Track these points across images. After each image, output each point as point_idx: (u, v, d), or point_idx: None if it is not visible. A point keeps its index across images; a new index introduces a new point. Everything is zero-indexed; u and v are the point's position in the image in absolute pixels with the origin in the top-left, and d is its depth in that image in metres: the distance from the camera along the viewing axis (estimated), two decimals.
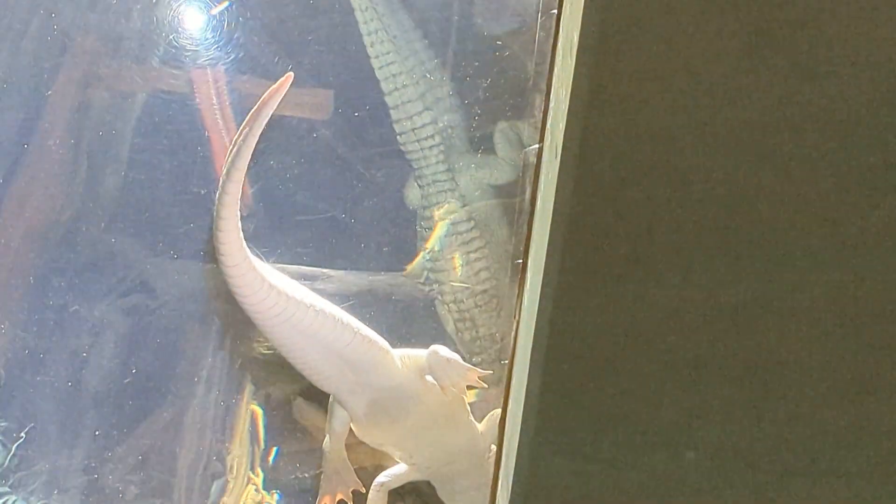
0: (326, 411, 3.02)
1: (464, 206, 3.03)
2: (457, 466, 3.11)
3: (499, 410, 3.04)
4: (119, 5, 2.83)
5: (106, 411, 2.96)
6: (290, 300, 2.75)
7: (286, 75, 2.53)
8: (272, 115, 2.63)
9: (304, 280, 2.94)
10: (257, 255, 2.77)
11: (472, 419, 3.10)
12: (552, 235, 1.91)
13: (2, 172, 2.78)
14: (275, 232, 2.91)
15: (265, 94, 2.53)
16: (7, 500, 2.92)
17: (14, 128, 2.77)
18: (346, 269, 3.01)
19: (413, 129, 2.93)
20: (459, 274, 3.09)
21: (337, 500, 3.03)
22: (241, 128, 2.55)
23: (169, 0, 2.83)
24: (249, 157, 2.58)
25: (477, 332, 3.19)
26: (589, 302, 1.98)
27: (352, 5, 2.93)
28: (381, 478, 3.14)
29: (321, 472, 3.06)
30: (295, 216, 2.94)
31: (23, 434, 2.91)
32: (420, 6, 2.96)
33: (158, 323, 2.95)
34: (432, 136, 2.93)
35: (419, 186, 2.99)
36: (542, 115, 2.51)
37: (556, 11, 2.33)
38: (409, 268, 3.09)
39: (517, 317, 2.65)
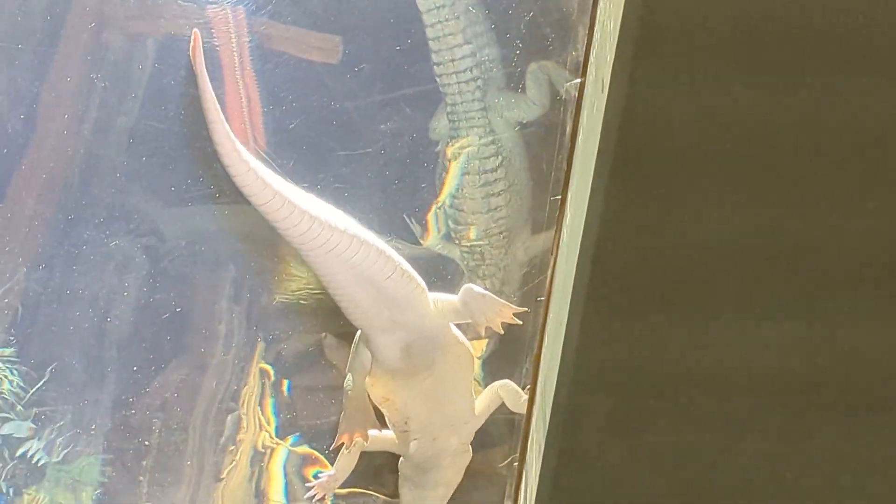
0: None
1: (491, 142, 3.01)
2: (438, 448, 3.11)
3: (500, 383, 3.21)
4: None
5: (124, 353, 2.99)
6: (333, 230, 2.75)
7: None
8: (288, 57, 2.70)
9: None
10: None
11: (474, 396, 3.12)
12: (598, 169, 1.93)
13: (18, 116, 2.75)
14: (300, 172, 2.90)
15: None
16: (28, 447, 2.97)
17: (28, 71, 2.74)
18: (370, 206, 3.00)
19: (452, 61, 2.90)
20: (479, 210, 3.09)
21: (354, 439, 3.05)
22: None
23: None
24: (212, 98, 2.62)
25: (485, 269, 3.16)
26: (634, 234, 2.03)
27: None
28: (345, 425, 3.12)
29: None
30: (319, 155, 2.94)
31: (46, 374, 2.94)
32: None
33: (173, 266, 2.95)
34: (470, 70, 2.92)
35: (450, 121, 2.97)
36: (584, 48, 2.59)
37: None
38: (430, 236, 3.12)
39: (555, 252, 2.69)
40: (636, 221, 2.08)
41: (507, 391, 3.25)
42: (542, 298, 2.89)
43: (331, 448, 3.15)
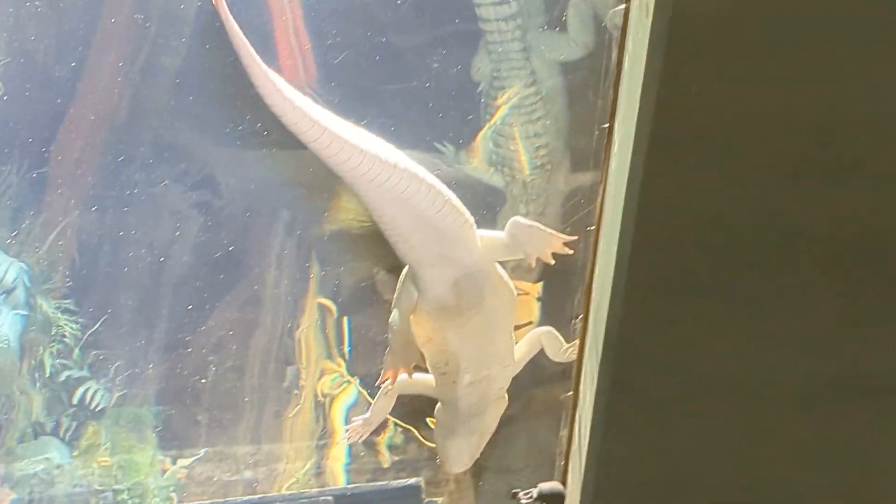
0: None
1: (532, 83, 3.02)
2: (476, 393, 3.12)
3: (542, 329, 3.24)
4: None
5: (179, 294, 3.04)
6: (384, 164, 2.76)
7: None
8: None
9: None
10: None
11: (514, 341, 3.14)
12: (644, 96, 1.94)
13: (67, 60, 2.76)
14: (347, 106, 2.86)
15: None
16: (88, 386, 3.02)
17: (75, 16, 2.73)
18: (417, 140, 3.00)
19: (493, 3, 2.90)
20: (521, 147, 3.10)
21: (399, 374, 3.07)
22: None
23: None
24: (243, 44, 2.59)
25: (527, 197, 3.18)
26: (682, 163, 2.05)
27: None
28: (400, 378, 3.16)
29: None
30: (366, 89, 2.95)
31: (102, 318, 2.98)
32: None
33: (225, 205, 2.98)
34: (510, 6, 2.91)
35: (491, 60, 2.98)
36: None
37: None
38: (475, 141, 3.08)
39: (604, 181, 2.67)
40: (679, 165, 2.11)
41: (550, 339, 3.29)
42: (592, 227, 2.85)
43: (376, 384, 3.17)
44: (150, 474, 3.18)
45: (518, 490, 3.21)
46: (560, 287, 3.19)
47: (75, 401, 3.05)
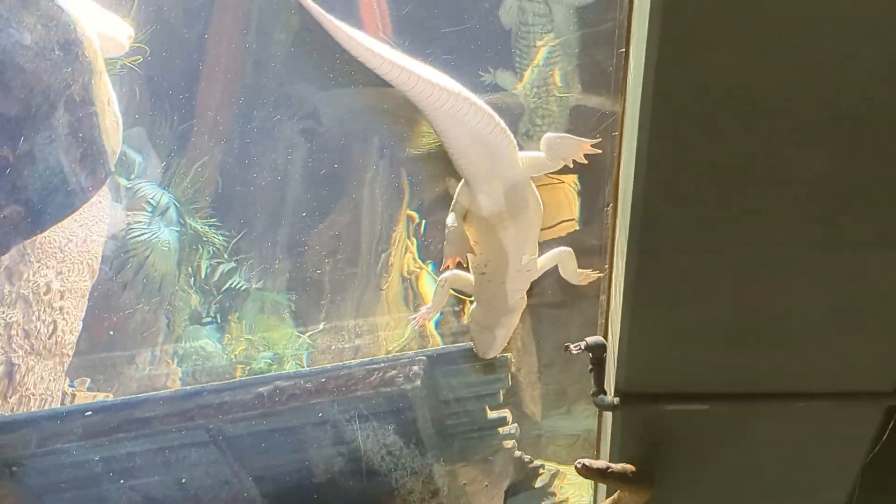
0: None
1: (553, 30, 3.20)
2: (506, 292, 3.35)
3: (563, 249, 3.43)
4: None
5: (300, 210, 3.29)
6: (450, 93, 3.00)
7: None
8: None
9: None
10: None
11: (538, 254, 3.35)
12: (651, 20, 2.08)
13: (197, 30, 3.02)
14: (415, 48, 3.08)
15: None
16: (233, 280, 3.32)
17: None
18: (472, 72, 3.20)
19: None
20: (559, 83, 3.28)
21: (455, 261, 3.29)
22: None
23: None
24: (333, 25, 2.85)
25: (542, 111, 3.36)
26: (689, 69, 2.17)
27: None
28: (447, 274, 3.36)
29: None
30: (429, 33, 3.14)
31: (240, 228, 3.25)
32: None
33: (329, 134, 3.22)
34: None
35: (519, 9, 3.16)
36: None
37: None
38: (520, 85, 3.30)
39: (623, 94, 2.82)
40: (689, 59, 2.16)
41: (566, 258, 3.49)
42: (616, 133, 2.96)
43: (440, 269, 3.34)
44: (285, 346, 3.45)
45: (569, 343, 3.36)
46: (593, 181, 3.36)
47: (224, 292, 3.33)
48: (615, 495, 3.48)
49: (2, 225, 2.82)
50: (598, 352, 3.41)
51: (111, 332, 3.25)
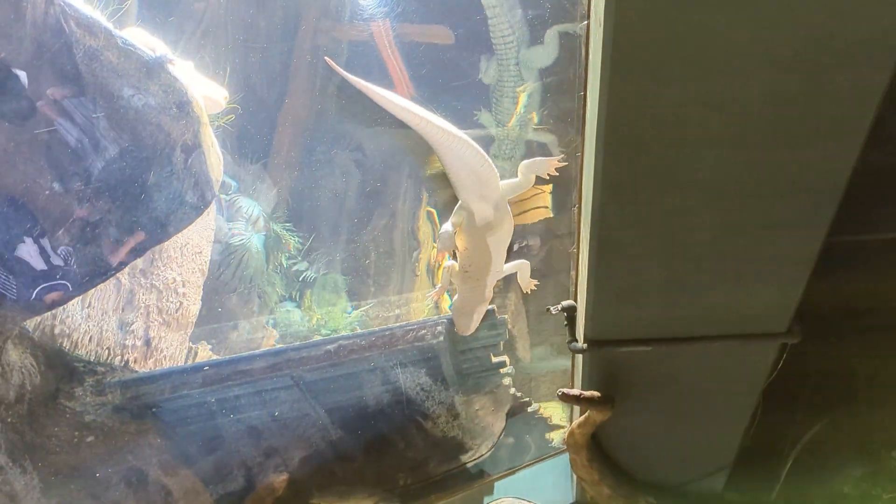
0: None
1: (525, 83, 3.12)
2: (481, 287, 3.29)
3: (521, 261, 3.39)
4: None
5: (352, 217, 3.26)
6: (452, 136, 2.98)
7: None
8: (417, 42, 2.92)
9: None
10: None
11: (505, 260, 3.29)
12: (603, 65, 2.11)
13: (278, 84, 2.94)
14: (430, 100, 3.03)
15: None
16: (306, 269, 3.29)
17: (278, 58, 2.92)
18: (468, 116, 3.13)
19: (502, 35, 3.00)
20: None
21: (445, 255, 3.31)
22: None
23: None
24: (365, 87, 2.84)
25: (505, 147, 3.24)
26: (627, 105, 2.18)
27: None
28: (449, 263, 3.34)
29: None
30: (441, 90, 3.07)
31: (310, 233, 3.20)
32: None
33: (370, 161, 3.17)
34: (511, 36, 3.00)
35: (498, 68, 3.08)
36: (587, 6, 2.63)
37: None
38: (509, 124, 3.22)
39: (583, 125, 2.81)
40: (628, 99, 2.20)
41: (524, 268, 3.47)
42: (579, 154, 3.04)
43: (436, 258, 3.36)
44: (342, 318, 3.44)
45: (549, 307, 3.48)
46: (563, 187, 3.30)
47: (299, 279, 3.29)
48: (586, 414, 3.49)
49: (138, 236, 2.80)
50: (570, 311, 3.45)
51: (219, 309, 3.21)
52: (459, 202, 3.18)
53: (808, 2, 1.95)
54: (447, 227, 3.15)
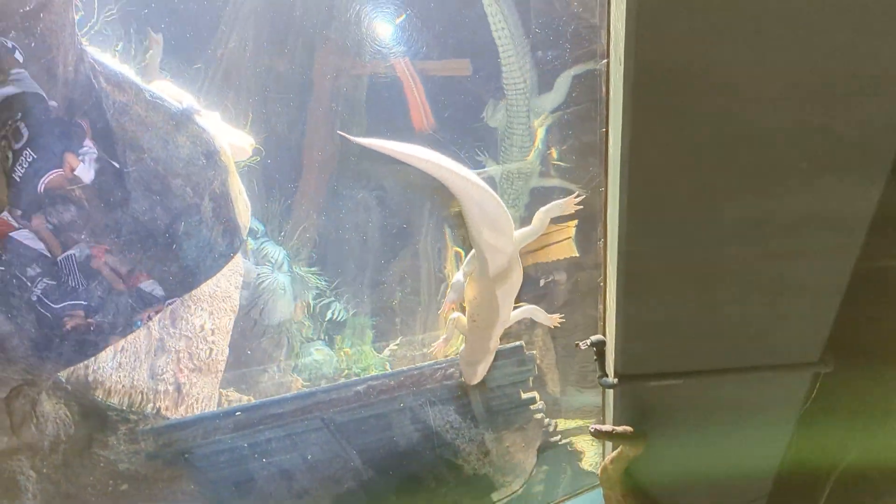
0: None
1: (528, 127, 3.17)
2: (487, 337, 3.22)
3: (531, 306, 3.32)
4: (341, 28, 3.07)
5: (376, 254, 3.36)
6: (470, 182, 2.94)
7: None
8: (439, 76, 2.98)
9: None
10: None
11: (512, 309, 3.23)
12: (625, 105, 2.03)
13: (298, 128, 3.06)
14: (452, 139, 3.13)
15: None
16: (333, 310, 3.41)
17: (299, 94, 3.04)
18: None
19: (514, 80, 3.06)
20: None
21: (452, 307, 3.20)
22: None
23: (369, 19, 3.03)
24: (382, 146, 2.79)
25: (511, 190, 3.31)
26: (650, 142, 2.10)
27: (486, 13, 3.05)
28: (454, 315, 3.25)
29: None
30: (461, 128, 3.15)
31: (336, 273, 3.32)
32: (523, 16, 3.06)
33: (395, 202, 3.29)
34: (522, 83, 3.08)
35: (506, 115, 3.13)
36: (605, 43, 2.58)
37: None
38: (527, 158, 3.27)
39: (606, 160, 2.54)
40: (651, 135, 2.09)
41: (534, 311, 3.37)
42: (602, 189, 2.77)
43: (440, 311, 3.38)
44: (372, 357, 3.50)
45: (578, 342, 3.12)
46: (588, 222, 3.36)
47: (327, 320, 3.39)
48: (619, 449, 3.45)
49: (170, 282, 2.85)
50: (599, 346, 3.19)
51: (248, 352, 3.28)
52: (472, 251, 3.15)
53: (831, 34, 1.91)
54: (459, 276, 3.12)
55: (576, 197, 3.10)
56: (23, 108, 2.31)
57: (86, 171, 2.56)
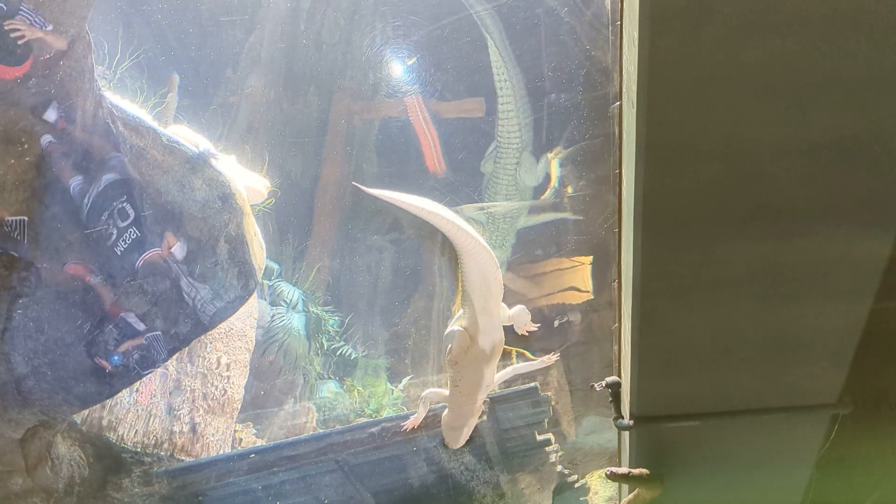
0: None
1: (514, 179, 3.21)
2: (470, 402, 3.22)
3: (513, 366, 3.29)
4: (355, 72, 3.14)
5: (389, 295, 3.41)
6: (471, 238, 2.96)
7: None
8: (450, 118, 3.03)
9: None
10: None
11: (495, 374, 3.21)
12: (638, 149, 2.07)
13: (312, 168, 3.13)
14: (463, 184, 3.20)
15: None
16: (346, 349, 3.44)
17: (313, 138, 3.09)
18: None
19: (508, 132, 3.12)
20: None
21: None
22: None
23: (382, 62, 3.10)
24: (391, 198, 2.79)
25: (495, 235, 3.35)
26: (661, 182, 2.12)
27: (490, 63, 3.11)
28: (427, 392, 3.24)
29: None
30: (472, 171, 3.21)
31: (349, 313, 3.37)
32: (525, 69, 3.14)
33: (409, 245, 3.33)
34: (518, 137, 3.13)
35: (495, 164, 3.20)
36: (618, 86, 2.47)
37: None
38: (543, 197, 3.33)
39: (619, 202, 2.59)
40: (662, 176, 2.11)
41: (522, 369, 3.32)
42: (616, 230, 2.97)
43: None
44: (384, 396, 3.50)
45: (594, 383, 3.09)
46: (603, 262, 3.41)
47: (340, 359, 3.41)
48: (635, 492, 3.40)
49: (187, 322, 2.86)
50: (615, 388, 3.23)
51: (262, 393, 3.27)
52: (460, 312, 3.12)
53: (837, 84, 1.91)
54: (455, 328, 3.06)
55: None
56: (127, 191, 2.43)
57: (180, 249, 2.67)
